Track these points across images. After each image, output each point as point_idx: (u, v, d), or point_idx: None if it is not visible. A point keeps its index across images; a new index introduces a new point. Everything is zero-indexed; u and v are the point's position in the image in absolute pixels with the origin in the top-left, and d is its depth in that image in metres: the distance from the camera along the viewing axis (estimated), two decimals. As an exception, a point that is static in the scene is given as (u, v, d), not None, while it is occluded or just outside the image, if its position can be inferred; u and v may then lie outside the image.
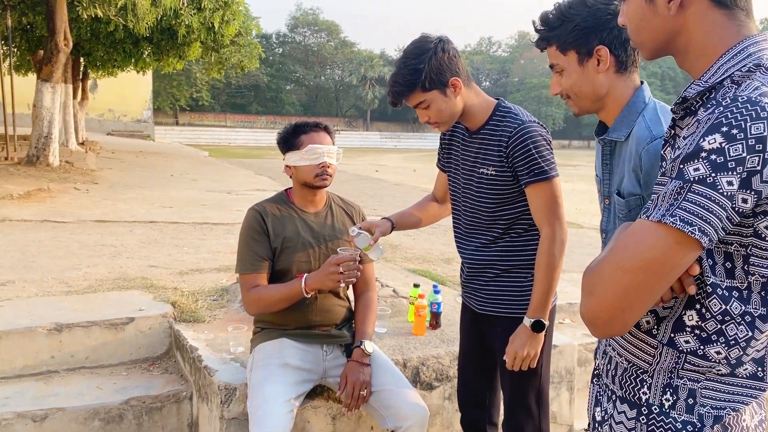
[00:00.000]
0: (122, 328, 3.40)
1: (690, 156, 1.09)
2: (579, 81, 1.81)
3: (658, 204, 1.11)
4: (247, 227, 2.63)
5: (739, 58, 1.17)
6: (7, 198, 8.12)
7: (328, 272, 2.43)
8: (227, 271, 4.58)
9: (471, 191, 2.38)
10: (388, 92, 2.30)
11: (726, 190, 1.05)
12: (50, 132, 11.54)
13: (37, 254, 5.07)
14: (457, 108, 2.27)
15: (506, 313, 2.37)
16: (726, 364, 1.19)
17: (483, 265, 2.40)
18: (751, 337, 1.16)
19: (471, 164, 2.36)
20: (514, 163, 2.23)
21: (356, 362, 2.57)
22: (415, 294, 3.43)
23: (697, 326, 1.19)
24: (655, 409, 1.25)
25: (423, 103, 2.24)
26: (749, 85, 1.12)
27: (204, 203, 9.04)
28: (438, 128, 2.36)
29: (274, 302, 2.56)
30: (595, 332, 1.21)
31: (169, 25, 13.85)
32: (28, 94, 13.23)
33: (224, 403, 2.65)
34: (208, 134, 51.24)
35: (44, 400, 2.99)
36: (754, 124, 1.05)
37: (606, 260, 1.15)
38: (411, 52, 2.21)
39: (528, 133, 2.21)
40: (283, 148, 2.68)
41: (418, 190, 13.79)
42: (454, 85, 2.22)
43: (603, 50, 1.77)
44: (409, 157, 37.34)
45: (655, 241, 1.09)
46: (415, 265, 5.31)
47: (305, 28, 69.92)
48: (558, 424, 3.31)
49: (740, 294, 1.16)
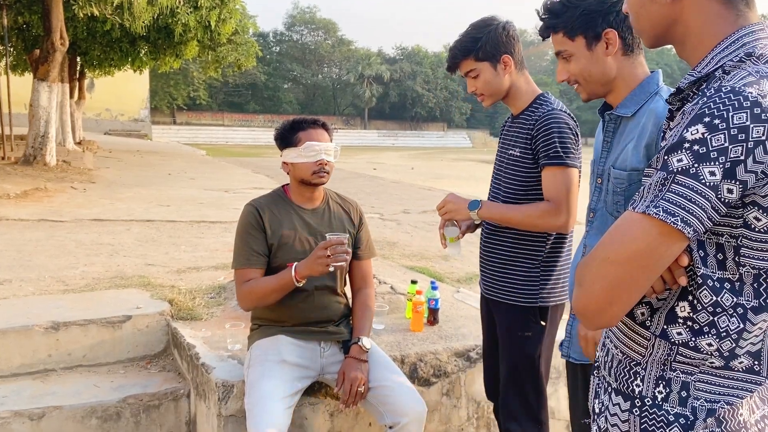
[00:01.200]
0: (119, 326, 3.39)
1: (673, 147, 1.09)
2: (588, 65, 1.83)
3: (644, 196, 1.11)
4: (243, 223, 2.62)
5: (733, 47, 1.17)
6: (3, 197, 8.11)
7: (316, 257, 2.41)
8: (224, 269, 4.58)
9: (501, 173, 2.48)
10: (447, 58, 2.45)
11: (708, 180, 1.05)
12: (47, 131, 11.52)
13: (34, 253, 5.06)
14: (504, 85, 2.37)
15: (507, 300, 2.42)
16: (719, 356, 1.18)
17: (494, 247, 2.47)
18: (742, 329, 1.16)
19: (506, 147, 2.48)
20: (536, 145, 2.30)
21: (354, 359, 2.56)
22: (413, 290, 3.43)
23: (689, 318, 1.18)
24: (648, 402, 1.24)
25: (473, 72, 2.37)
26: (736, 75, 1.11)
27: (201, 202, 9.03)
28: (483, 102, 2.45)
29: (267, 293, 2.53)
30: (585, 324, 1.22)
31: (165, 24, 13.83)
32: (24, 93, 13.20)
33: (222, 400, 2.65)
34: (206, 133, 51.19)
35: (41, 398, 2.99)
36: (736, 113, 1.04)
37: (594, 253, 1.15)
38: (475, 24, 2.38)
39: (554, 118, 2.27)
40: (281, 144, 2.67)
41: (416, 188, 13.80)
42: (506, 63, 2.33)
43: (611, 33, 1.79)
44: (406, 156, 37.35)
45: (640, 233, 1.09)
46: (412, 262, 5.31)
47: (302, 27, 69.86)
48: (556, 419, 3.30)
49: (732, 286, 1.15)
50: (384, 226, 7.52)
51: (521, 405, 2.44)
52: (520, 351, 2.42)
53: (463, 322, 3.45)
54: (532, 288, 2.39)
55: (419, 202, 10.81)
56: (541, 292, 2.39)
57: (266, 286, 2.53)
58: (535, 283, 2.39)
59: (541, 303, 2.40)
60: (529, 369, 2.43)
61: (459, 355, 3.09)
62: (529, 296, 2.39)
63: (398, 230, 7.40)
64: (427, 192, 12.87)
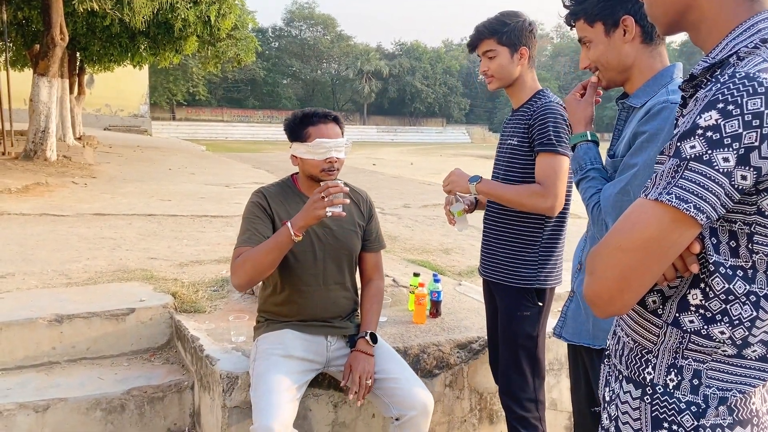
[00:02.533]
0: (123, 319, 3.40)
1: (686, 134, 1.08)
2: (606, 52, 1.85)
3: (656, 183, 1.11)
4: (250, 208, 2.57)
5: (749, 33, 1.15)
6: (5, 192, 8.11)
7: (312, 201, 2.31)
8: (226, 262, 4.58)
9: (501, 162, 2.63)
10: (471, 35, 2.58)
11: (722, 166, 1.04)
12: (47, 127, 11.51)
13: (37, 247, 5.07)
14: (514, 74, 2.53)
15: (506, 281, 2.56)
16: (731, 344, 1.17)
17: (494, 232, 2.62)
18: (755, 317, 1.15)
19: (504, 137, 2.64)
20: (532, 134, 2.44)
21: (361, 352, 2.55)
22: (416, 283, 3.44)
23: (701, 305, 1.18)
24: (659, 389, 1.23)
25: (491, 52, 2.51)
26: (750, 61, 1.10)
27: (202, 196, 9.04)
28: (489, 84, 2.58)
29: (262, 256, 2.36)
30: (597, 312, 1.21)
31: (165, 19, 13.82)
32: (24, 89, 13.19)
33: (226, 392, 2.66)
34: (206, 129, 51.12)
35: (46, 390, 3.00)
36: (750, 99, 1.03)
37: (606, 240, 1.15)
38: (506, 12, 2.55)
39: (550, 109, 2.43)
40: (290, 136, 2.60)
41: (416, 183, 13.80)
42: (522, 54, 2.50)
43: (629, 20, 1.81)
44: (406, 151, 37.31)
45: (652, 220, 1.08)
46: (414, 256, 5.32)
47: (301, 22, 69.72)
48: (558, 411, 3.32)
49: (745, 273, 1.14)
50: (385, 221, 7.51)
51: (522, 385, 2.57)
52: (519, 330, 2.55)
53: (466, 315, 3.46)
54: (531, 270, 2.53)
55: (419, 196, 10.82)
56: (540, 275, 2.54)
57: (260, 249, 2.38)
58: (533, 266, 2.53)
59: (539, 285, 2.54)
60: (527, 348, 2.56)
61: (461, 347, 3.10)
62: (527, 278, 2.53)
63: (399, 224, 7.42)
64: (426, 187, 12.86)
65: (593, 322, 2.03)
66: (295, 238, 2.33)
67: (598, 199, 1.82)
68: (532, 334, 2.55)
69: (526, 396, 2.57)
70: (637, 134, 1.77)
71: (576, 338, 2.11)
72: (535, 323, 2.56)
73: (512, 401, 2.59)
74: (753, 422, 1.20)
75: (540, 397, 2.60)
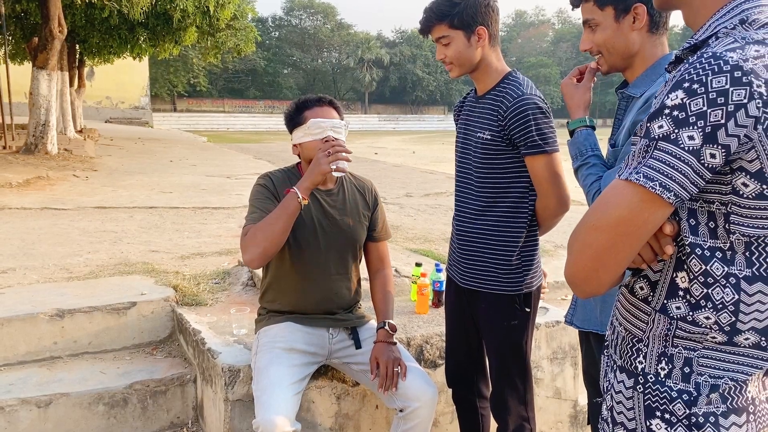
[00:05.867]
0: (124, 313, 3.39)
1: (655, 114, 1.09)
2: (613, 37, 1.86)
3: (629, 163, 1.12)
4: (256, 190, 2.55)
5: (731, 14, 1.15)
6: (6, 186, 8.10)
7: (317, 159, 2.34)
8: (228, 254, 4.57)
9: (468, 155, 2.38)
10: (420, 20, 2.32)
11: (687, 144, 1.05)
12: (48, 120, 11.49)
13: (38, 241, 5.06)
14: (475, 58, 2.27)
15: (489, 289, 2.35)
16: (719, 330, 1.16)
17: (471, 237, 2.38)
18: (738, 299, 1.14)
19: (471, 128, 2.37)
20: (511, 133, 2.22)
21: (384, 342, 2.53)
22: (418, 273, 3.42)
23: (687, 290, 1.18)
24: (651, 378, 1.23)
25: (444, 39, 2.25)
26: (722, 41, 1.10)
27: (204, 188, 9.02)
28: (450, 71, 2.35)
29: (272, 224, 2.34)
30: (576, 292, 1.24)
31: (164, 10, 13.78)
32: (24, 82, 13.17)
33: (228, 384, 2.65)
34: (207, 120, 51.02)
35: (48, 386, 2.99)
36: (715, 77, 1.04)
37: (582, 220, 1.17)
38: None
39: (526, 105, 2.19)
40: (290, 126, 2.59)
41: (418, 172, 13.76)
42: (479, 34, 2.23)
43: (641, 7, 1.82)
44: (407, 140, 37.25)
45: (622, 199, 1.10)
46: (416, 245, 5.29)
47: (301, 11, 69.51)
48: (562, 399, 3.30)
49: (723, 255, 1.14)
50: (387, 210, 7.43)
51: (513, 395, 2.41)
52: (507, 340, 2.36)
53: (469, 304, 3.43)
54: (516, 275, 2.31)
55: (422, 185, 10.79)
56: (525, 278, 2.33)
57: (269, 218, 2.36)
58: (518, 270, 2.32)
59: (526, 289, 2.34)
60: (516, 357, 2.38)
61: (465, 337, 3.08)
62: (513, 284, 2.32)
63: (401, 213, 7.39)
64: (429, 175, 12.83)
65: (601, 308, 2.04)
66: (302, 201, 2.34)
67: (599, 187, 1.82)
68: (520, 343, 2.36)
69: (519, 406, 2.42)
70: (636, 123, 1.79)
71: (585, 325, 2.12)
72: (523, 332, 2.35)
73: (506, 413, 2.44)
74: (749, 410, 1.19)
75: (529, 398, 2.45)
